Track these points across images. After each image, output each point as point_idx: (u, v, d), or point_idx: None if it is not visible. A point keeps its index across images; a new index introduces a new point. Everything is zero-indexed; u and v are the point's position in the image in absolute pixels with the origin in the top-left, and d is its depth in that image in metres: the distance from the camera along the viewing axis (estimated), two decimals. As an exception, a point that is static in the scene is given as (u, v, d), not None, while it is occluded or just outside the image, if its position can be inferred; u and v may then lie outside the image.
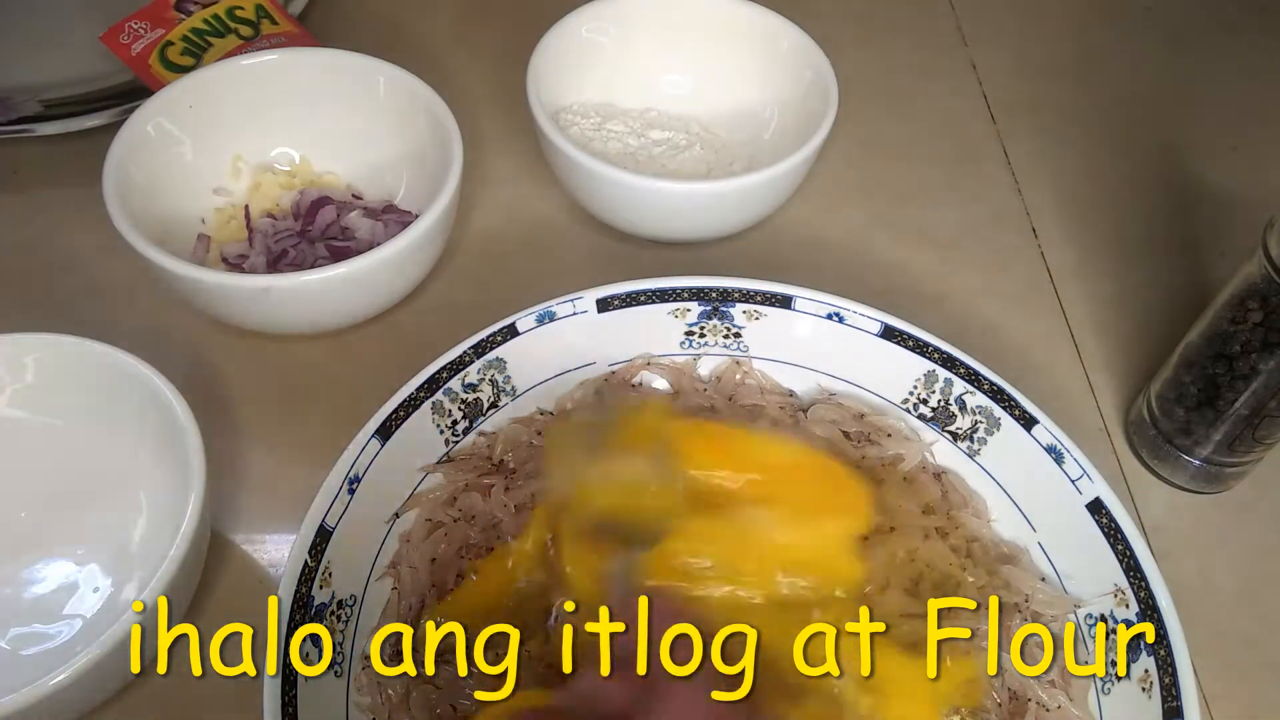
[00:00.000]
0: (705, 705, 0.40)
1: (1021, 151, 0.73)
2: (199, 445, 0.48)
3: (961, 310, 0.64)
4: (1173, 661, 0.46)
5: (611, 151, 0.67)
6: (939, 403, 0.55)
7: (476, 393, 0.54)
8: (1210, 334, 0.53)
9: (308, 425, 0.58)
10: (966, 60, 0.79)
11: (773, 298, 0.56)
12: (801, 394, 0.57)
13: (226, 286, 0.54)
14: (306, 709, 0.43)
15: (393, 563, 0.50)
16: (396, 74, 0.63)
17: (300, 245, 0.62)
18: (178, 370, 0.51)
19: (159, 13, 0.69)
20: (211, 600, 0.51)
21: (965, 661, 0.47)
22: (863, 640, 0.46)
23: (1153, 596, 0.47)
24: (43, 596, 0.50)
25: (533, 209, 0.68)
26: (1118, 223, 0.70)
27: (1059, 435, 0.52)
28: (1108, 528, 0.49)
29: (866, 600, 0.48)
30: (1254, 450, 0.55)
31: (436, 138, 0.60)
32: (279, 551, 0.53)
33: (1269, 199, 0.70)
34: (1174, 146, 0.74)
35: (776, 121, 0.68)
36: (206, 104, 0.62)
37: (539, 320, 0.55)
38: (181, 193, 0.62)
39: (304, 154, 0.66)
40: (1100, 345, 0.64)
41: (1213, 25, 0.83)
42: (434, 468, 0.52)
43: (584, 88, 0.69)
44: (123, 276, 0.62)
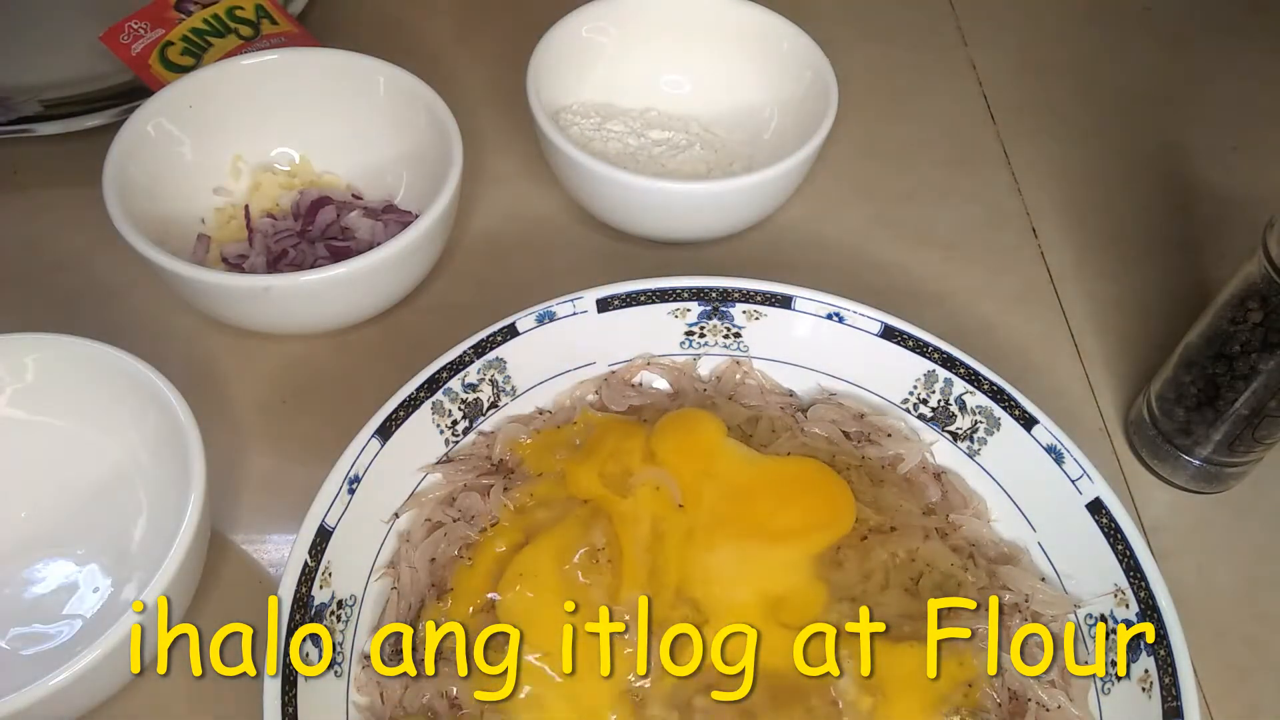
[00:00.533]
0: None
1: (1021, 152, 0.73)
2: (199, 445, 0.48)
3: (961, 310, 0.64)
4: (1173, 661, 0.46)
5: (611, 151, 0.67)
6: (939, 403, 0.55)
7: (476, 393, 0.54)
8: (1210, 334, 0.53)
9: (308, 425, 0.58)
10: (966, 60, 0.79)
11: (773, 298, 0.56)
12: (801, 394, 0.57)
13: (226, 286, 0.54)
14: (306, 709, 0.43)
15: (392, 562, 0.50)
16: (396, 74, 0.63)
17: (300, 245, 0.62)
18: (178, 370, 0.51)
19: (159, 13, 0.69)
20: (211, 600, 0.51)
21: (965, 661, 0.47)
22: (863, 640, 0.46)
23: (1153, 596, 0.47)
24: (43, 596, 0.50)
25: (533, 209, 0.68)
26: (1118, 223, 0.70)
27: (1059, 435, 0.52)
28: (1108, 528, 0.49)
29: (865, 599, 0.48)
30: (1254, 450, 0.55)
31: (436, 138, 0.60)
32: (279, 551, 0.53)
33: (1269, 199, 0.70)
34: (1174, 146, 0.74)
35: (776, 121, 0.68)
36: (206, 104, 0.62)
37: (539, 320, 0.55)
38: (181, 193, 0.62)
39: (304, 154, 0.66)
40: (1100, 345, 0.64)
41: (1213, 25, 0.83)
42: (433, 468, 0.52)
43: (584, 88, 0.69)
44: (123, 276, 0.62)
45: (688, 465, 0.51)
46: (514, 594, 0.47)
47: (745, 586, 0.49)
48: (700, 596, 0.48)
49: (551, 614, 0.47)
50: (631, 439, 0.52)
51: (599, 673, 0.46)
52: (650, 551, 0.49)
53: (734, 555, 0.49)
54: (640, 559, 0.49)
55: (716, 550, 0.49)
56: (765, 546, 0.50)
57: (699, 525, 0.50)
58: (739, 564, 0.49)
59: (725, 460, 0.52)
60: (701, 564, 0.49)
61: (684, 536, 0.50)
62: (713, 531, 0.50)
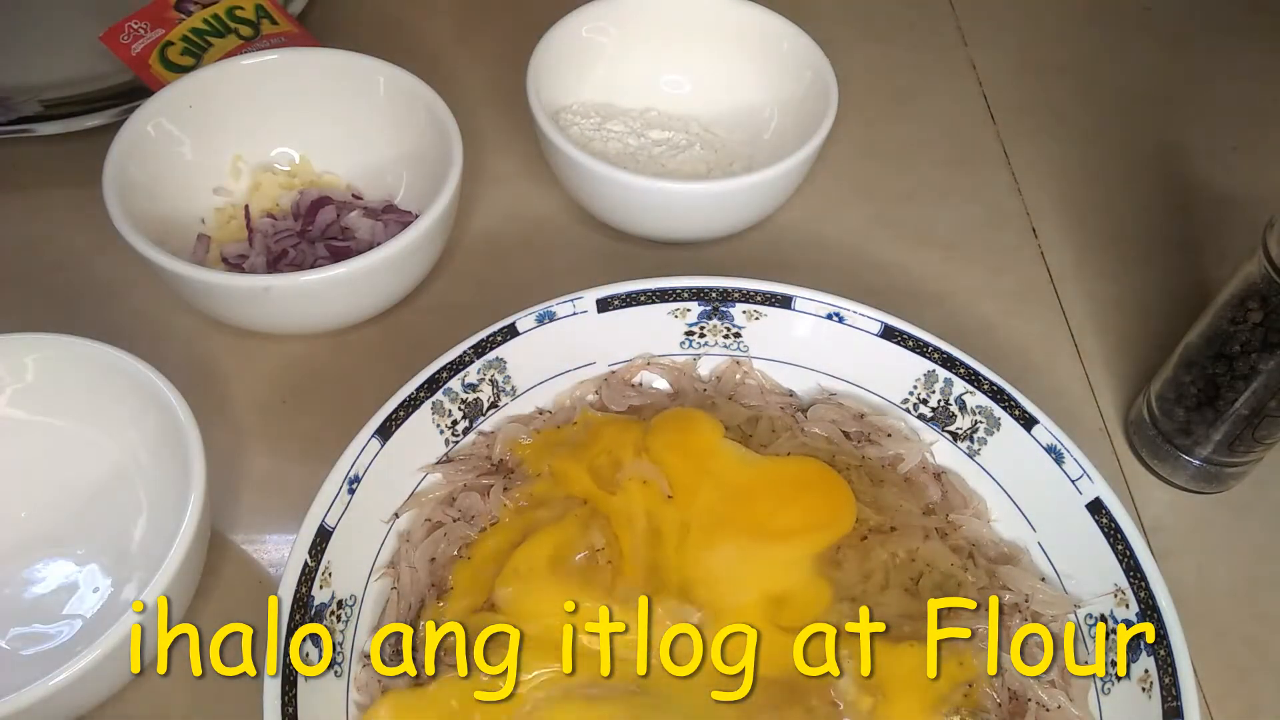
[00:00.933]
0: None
1: (1021, 151, 0.73)
2: (199, 445, 0.48)
3: (961, 310, 0.64)
4: (1173, 661, 0.46)
5: (611, 151, 0.67)
6: (939, 403, 0.55)
7: (476, 393, 0.54)
8: (1210, 334, 0.53)
9: (308, 425, 0.58)
10: (966, 60, 0.79)
11: (773, 298, 0.56)
12: (801, 394, 0.57)
13: (226, 286, 0.54)
14: (306, 709, 0.43)
15: (392, 562, 0.50)
16: (396, 74, 0.63)
17: (300, 245, 0.62)
18: (178, 370, 0.51)
19: (159, 13, 0.69)
20: (211, 600, 0.51)
21: (965, 661, 0.47)
22: (863, 640, 0.46)
23: (1153, 596, 0.47)
24: (43, 596, 0.50)
25: (533, 209, 0.68)
26: (1118, 223, 0.70)
27: (1059, 435, 0.52)
28: (1108, 528, 0.49)
29: (865, 599, 0.48)
30: (1254, 450, 0.55)
31: (436, 138, 0.60)
32: (279, 551, 0.53)
33: (1269, 199, 0.70)
34: (1174, 146, 0.74)
35: (776, 121, 0.68)
36: (206, 104, 0.62)
37: (539, 320, 0.55)
38: (181, 193, 0.62)
39: (304, 154, 0.66)
40: (1100, 345, 0.64)
41: (1212, 25, 0.83)
42: (433, 468, 0.52)
43: (584, 88, 0.69)
44: (123, 276, 0.62)
45: (682, 463, 0.51)
46: (510, 590, 0.47)
47: (747, 586, 0.48)
48: (702, 596, 0.48)
49: (549, 608, 0.47)
50: (625, 435, 0.52)
51: (599, 673, 0.46)
52: (650, 549, 0.49)
53: (735, 555, 0.49)
54: (640, 558, 0.49)
55: (716, 550, 0.49)
56: (766, 546, 0.50)
57: (698, 524, 0.50)
58: (740, 564, 0.49)
59: (722, 460, 0.52)
60: (703, 564, 0.49)
61: (682, 536, 0.50)
62: (712, 531, 0.50)
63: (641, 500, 0.50)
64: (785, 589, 0.49)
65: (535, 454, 0.53)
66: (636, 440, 0.52)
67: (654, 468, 0.51)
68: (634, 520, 0.50)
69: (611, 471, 0.51)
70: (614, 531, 0.49)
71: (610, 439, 0.52)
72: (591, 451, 0.52)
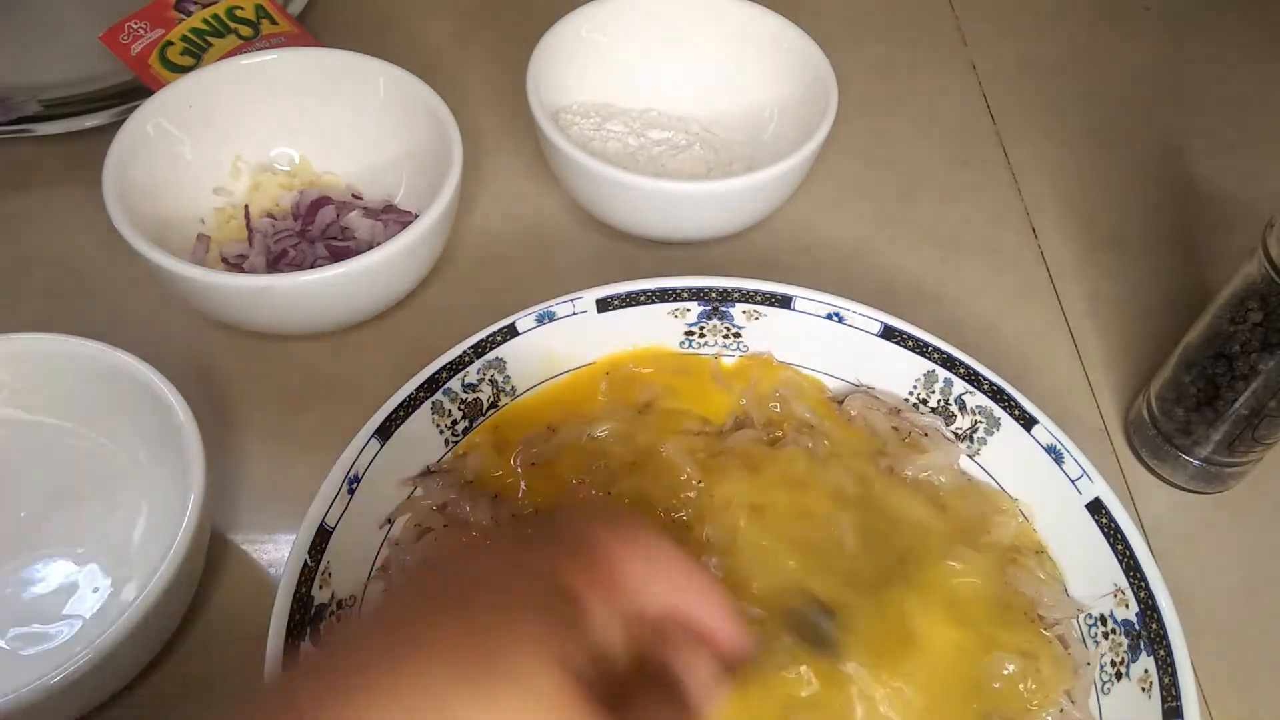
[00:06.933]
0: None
1: (1021, 151, 0.73)
2: (199, 445, 0.48)
3: (961, 310, 0.64)
4: (1173, 661, 0.46)
5: (611, 151, 0.67)
6: (939, 403, 0.55)
7: (476, 393, 0.54)
8: (1210, 334, 0.53)
9: (308, 425, 0.58)
10: (966, 60, 0.79)
11: (773, 298, 0.56)
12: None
13: (226, 286, 0.54)
14: (306, 709, 0.43)
15: (384, 566, 0.50)
16: (396, 74, 0.63)
17: (300, 245, 0.62)
18: (178, 370, 0.51)
19: (159, 13, 0.69)
20: (211, 600, 0.51)
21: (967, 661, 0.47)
22: (872, 636, 0.46)
23: (1153, 596, 0.47)
24: (43, 596, 0.50)
25: (533, 209, 0.68)
26: (1118, 223, 0.70)
27: (1059, 435, 0.52)
28: (1108, 528, 0.49)
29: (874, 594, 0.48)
30: (1254, 450, 0.55)
31: (436, 138, 0.60)
32: (279, 551, 0.53)
33: (1269, 199, 0.70)
34: (1174, 146, 0.74)
35: (776, 121, 0.68)
36: (206, 104, 0.62)
37: (539, 320, 0.55)
38: (181, 193, 0.62)
39: (304, 154, 0.66)
40: (1100, 345, 0.64)
41: (1212, 25, 0.83)
42: (414, 481, 0.51)
43: (584, 88, 0.69)
44: (123, 276, 0.62)
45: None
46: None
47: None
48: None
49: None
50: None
51: None
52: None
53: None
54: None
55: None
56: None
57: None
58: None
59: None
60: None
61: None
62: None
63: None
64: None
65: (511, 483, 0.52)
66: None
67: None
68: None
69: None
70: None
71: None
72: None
